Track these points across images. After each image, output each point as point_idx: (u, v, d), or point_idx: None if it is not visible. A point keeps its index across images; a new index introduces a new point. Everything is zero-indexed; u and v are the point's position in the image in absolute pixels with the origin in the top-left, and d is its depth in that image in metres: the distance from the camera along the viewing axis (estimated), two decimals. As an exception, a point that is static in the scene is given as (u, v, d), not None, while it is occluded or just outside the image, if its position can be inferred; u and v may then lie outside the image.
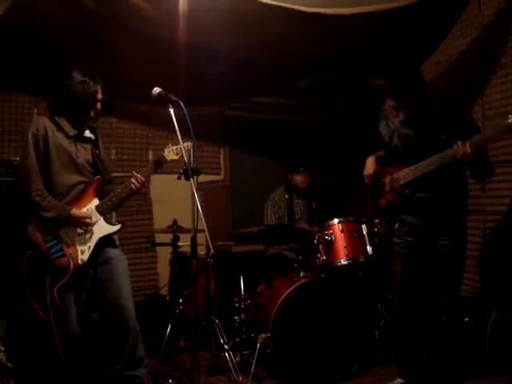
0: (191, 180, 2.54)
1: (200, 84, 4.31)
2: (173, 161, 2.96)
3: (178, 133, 2.51)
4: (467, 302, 3.68)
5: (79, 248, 2.82)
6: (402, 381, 2.97)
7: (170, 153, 2.96)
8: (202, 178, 3.11)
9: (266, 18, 3.40)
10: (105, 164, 3.07)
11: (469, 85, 4.12)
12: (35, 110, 4.58)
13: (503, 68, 3.78)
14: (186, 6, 3.25)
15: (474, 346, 3.09)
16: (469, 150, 2.48)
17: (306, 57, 4.05)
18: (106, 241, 2.92)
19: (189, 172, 2.55)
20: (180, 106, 2.56)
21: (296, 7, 3.32)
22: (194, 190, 2.50)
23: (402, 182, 2.83)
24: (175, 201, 4.63)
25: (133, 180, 2.89)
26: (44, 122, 2.85)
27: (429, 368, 2.82)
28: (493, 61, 3.87)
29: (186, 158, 2.61)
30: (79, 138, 2.93)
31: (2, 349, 2.48)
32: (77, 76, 2.84)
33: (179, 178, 2.95)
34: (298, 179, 4.61)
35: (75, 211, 2.81)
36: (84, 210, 2.86)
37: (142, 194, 4.87)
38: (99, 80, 2.90)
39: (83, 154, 2.93)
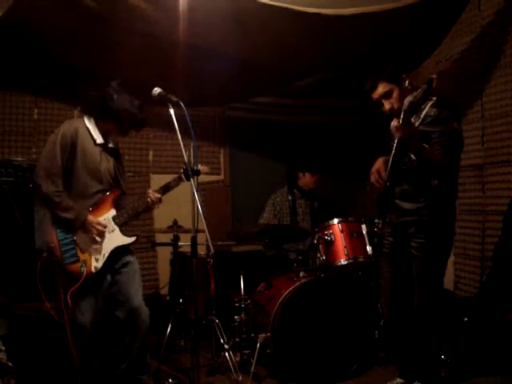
0: (191, 180, 2.54)
1: (200, 84, 4.32)
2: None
3: (178, 133, 2.51)
4: (467, 302, 3.69)
5: (94, 255, 2.84)
6: (401, 381, 2.98)
7: (204, 168, 3.07)
8: (202, 177, 3.11)
9: (265, 18, 3.40)
10: (124, 177, 3.13)
11: (468, 85, 4.13)
12: (35, 110, 4.58)
13: (503, 68, 3.79)
14: (185, 6, 3.26)
15: (474, 345, 3.10)
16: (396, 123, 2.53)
17: (306, 57, 4.06)
18: (121, 250, 2.95)
19: (189, 172, 2.56)
20: (180, 106, 2.55)
21: (296, 7, 3.32)
22: (194, 190, 2.50)
23: (384, 174, 2.76)
24: (175, 201, 4.61)
25: (150, 196, 2.97)
26: (77, 126, 2.89)
27: (429, 368, 2.81)
28: (492, 61, 3.87)
29: (185, 158, 2.61)
30: (105, 148, 2.97)
31: (3, 348, 2.48)
32: (125, 96, 2.88)
33: (179, 178, 2.98)
34: (309, 180, 4.59)
35: (92, 217, 2.84)
36: (101, 218, 2.89)
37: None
38: (138, 103, 2.93)
39: (106, 164, 2.97)
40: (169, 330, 3.68)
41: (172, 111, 2.56)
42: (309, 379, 3.26)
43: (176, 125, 2.51)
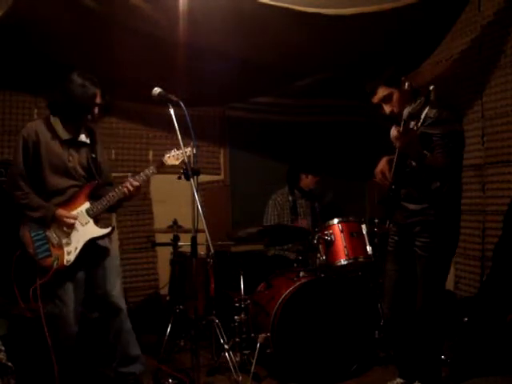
0: (191, 180, 2.54)
1: (200, 84, 4.31)
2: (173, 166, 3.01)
3: (178, 133, 2.51)
4: (467, 302, 3.69)
5: (65, 249, 2.86)
6: (402, 381, 2.98)
7: (169, 158, 3.00)
8: (202, 177, 3.12)
9: (266, 18, 3.40)
10: (101, 167, 3.08)
11: (468, 85, 4.13)
12: (35, 110, 4.59)
13: (503, 68, 3.79)
14: (185, 6, 3.25)
15: (474, 345, 3.09)
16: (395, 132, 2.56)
17: (305, 57, 4.06)
18: (96, 242, 2.96)
19: (189, 172, 2.56)
20: (180, 106, 2.56)
21: (296, 7, 3.32)
22: (194, 190, 2.50)
23: (388, 175, 2.78)
24: (175, 201, 4.62)
25: (127, 185, 2.94)
26: (36, 127, 2.89)
27: (430, 368, 2.82)
28: (492, 61, 3.87)
29: (185, 159, 2.61)
30: (73, 143, 2.96)
31: (3, 348, 2.48)
32: (76, 79, 2.84)
33: (179, 178, 2.97)
34: (311, 181, 4.60)
35: (60, 211, 2.85)
36: (74, 212, 2.90)
37: (141, 194, 4.87)
38: (98, 84, 2.89)
39: (76, 159, 2.96)
40: (169, 330, 3.68)
41: (172, 111, 2.56)
42: (309, 379, 3.26)
43: (176, 125, 2.52)
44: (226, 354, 3.36)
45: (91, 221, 2.93)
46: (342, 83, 5.10)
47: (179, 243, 3.97)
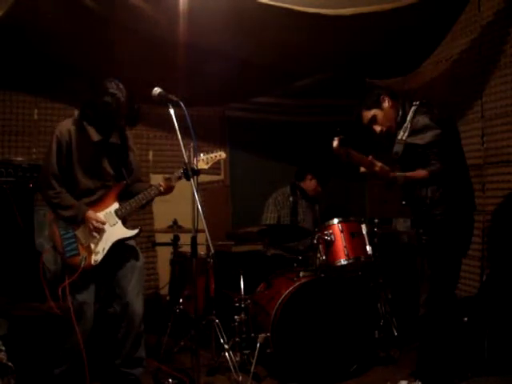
0: (191, 180, 2.55)
1: (200, 84, 4.31)
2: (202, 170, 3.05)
3: (178, 133, 2.51)
4: (467, 302, 3.68)
5: (93, 249, 2.90)
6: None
7: (199, 162, 3.08)
8: (202, 177, 3.12)
9: (266, 18, 3.40)
10: (132, 167, 3.14)
11: (468, 85, 4.12)
12: (35, 110, 4.58)
13: (502, 68, 3.79)
14: (185, 6, 3.26)
15: (474, 345, 3.09)
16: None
17: (306, 57, 4.06)
18: (123, 243, 3.00)
19: (189, 172, 2.56)
20: (180, 106, 2.56)
21: (296, 7, 3.32)
22: (194, 190, 2.51)
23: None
24: (175, 201, 4.61)
25: (162, 185, 2.99)
26: (69, 126, 2.94)
27: (431, 367, 2.82)
28: (492, 61, 3.87)
29: (185, 159, 2.62)
30: (104, 144, 2.98)
31: (3, 348, 2.48)
32: (108, 87, 2.86)
33: (179, 178, 2.98)
34: (313, 187, 4.60)
35: (91, 213, 2.89)
36: (102, 213, 2.94)
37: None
38: (125, 94, 2.91)
39: (105, 160, 3.00)
40: (169, 330, 3.69)
41: (172, 111, 2.57)
42: (309, 379, 3.26)
43: (176, 125, 2.52)
44: (226, 353, 3.36)
45: (119, 222, 2.97)
46: (342, 83, 5.10)
47: (179, 243, 3.97)
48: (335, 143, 2.72)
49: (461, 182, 2.87)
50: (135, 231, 3.01)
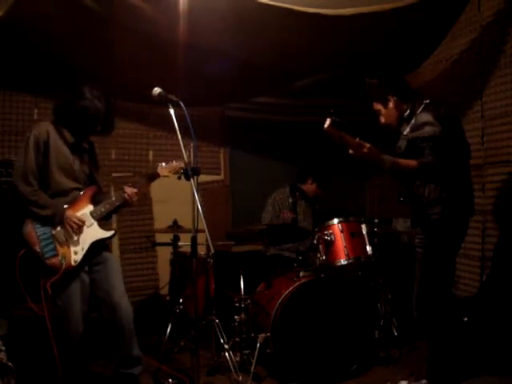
0: (191, 180, 2.55)
1: (200, 84, 4.31)
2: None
3: (178, 133, 2.51)
4: (467, 302, 3.68)
5: (72, 249, 2.89)
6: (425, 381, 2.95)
7: (163, 169, 3.20)
8: (202, 177, 3.13)
9: (266, 18, 3.40)
10: (98, 174, 3.21)
11: (468, 85, 4.13)
12: (35, 110, 4.59)
13: (502, 68, 3.79)
14: (186, 6, 3.25)
15: (474, 345, 3.09)
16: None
17: (305, 57, 4.05)
18: (100, 244, 3.00)
19: (189, 172, 2.56)
20: (180, 106, 2.56)
21: (296, 7, 3.32)
22: (194, 190, 2.51)
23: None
24: (175, 201, 4.62)
25: (127, 191, 3.04)
26: (47, 127, 2.94)
27: (436, 366, 2.82)
28: (492, 61, 3.87)
29: (186, 159, 2.62)
30: (77, 148, 3.02)
31: (3, 349, 2.48)
32: (86, 94, 2.90)
33: (179, 178, 2.98)
34: (313, 190, 4.59)
35: (70, 212, 2.89)
36: (79, 214, 2.94)
37: (141, 195, 4.87)
38: (103, 102, 2.95)
39: (79, 163, 3.03)
40: (169, 330, 3.69)
41: (172, 111, 2.57)
42: (309, 379, 3.26)
43: (176, 125, 2.52)
44: (226, 353, 3.36)
45: (95, 223, 2.98)
46: (342, 83, 5.09)
47: (179, 243, 3.97)
48: (327, 123, 2.72)
49: (460, 184, 2.86)
50: (111, 232, 3.04)
